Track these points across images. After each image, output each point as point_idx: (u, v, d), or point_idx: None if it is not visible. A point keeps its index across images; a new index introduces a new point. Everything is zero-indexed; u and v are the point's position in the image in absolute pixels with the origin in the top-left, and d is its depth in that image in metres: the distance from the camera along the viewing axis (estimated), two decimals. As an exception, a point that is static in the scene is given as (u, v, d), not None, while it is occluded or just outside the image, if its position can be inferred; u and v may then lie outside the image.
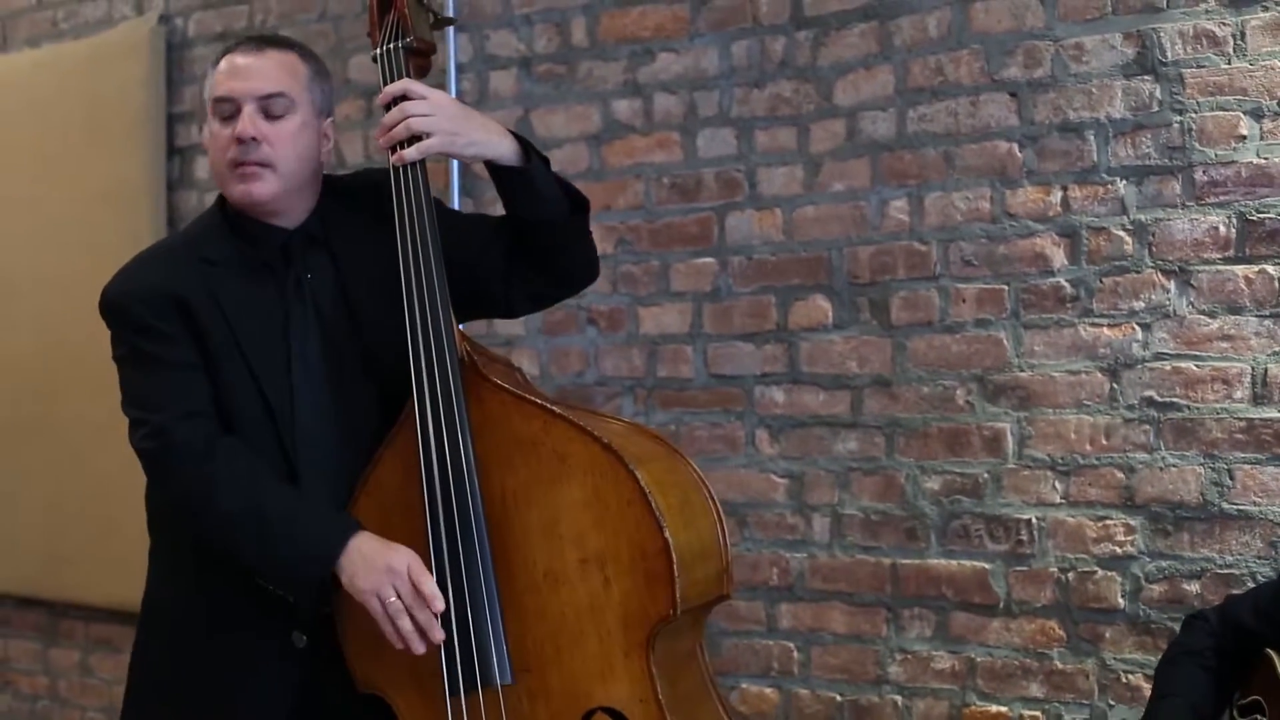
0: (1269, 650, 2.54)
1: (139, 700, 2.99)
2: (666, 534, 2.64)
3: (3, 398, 5.37)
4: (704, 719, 2.85)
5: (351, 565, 2.66)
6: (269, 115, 2.74)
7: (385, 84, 2.83)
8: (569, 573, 2.71)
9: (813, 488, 3.85)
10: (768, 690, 3.93)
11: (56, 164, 5.22)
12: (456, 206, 4.29)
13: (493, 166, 2.79)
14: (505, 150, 2.76)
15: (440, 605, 2.64)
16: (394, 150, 2.76)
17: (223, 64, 2.79)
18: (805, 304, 3.86)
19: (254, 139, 2.72)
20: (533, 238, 2.84)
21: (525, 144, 2.79)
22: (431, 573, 2.66)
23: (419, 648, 2.64)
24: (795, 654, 3.89)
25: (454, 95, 4.28)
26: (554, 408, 2.76)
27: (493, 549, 2.71)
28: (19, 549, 5.35)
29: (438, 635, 2.64)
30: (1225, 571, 3.31)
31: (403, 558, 2.66)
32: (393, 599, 2.62)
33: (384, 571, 2.64)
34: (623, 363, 4.16)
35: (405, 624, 2.62)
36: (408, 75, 2.84)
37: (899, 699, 3.73)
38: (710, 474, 2.86)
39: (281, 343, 2.80)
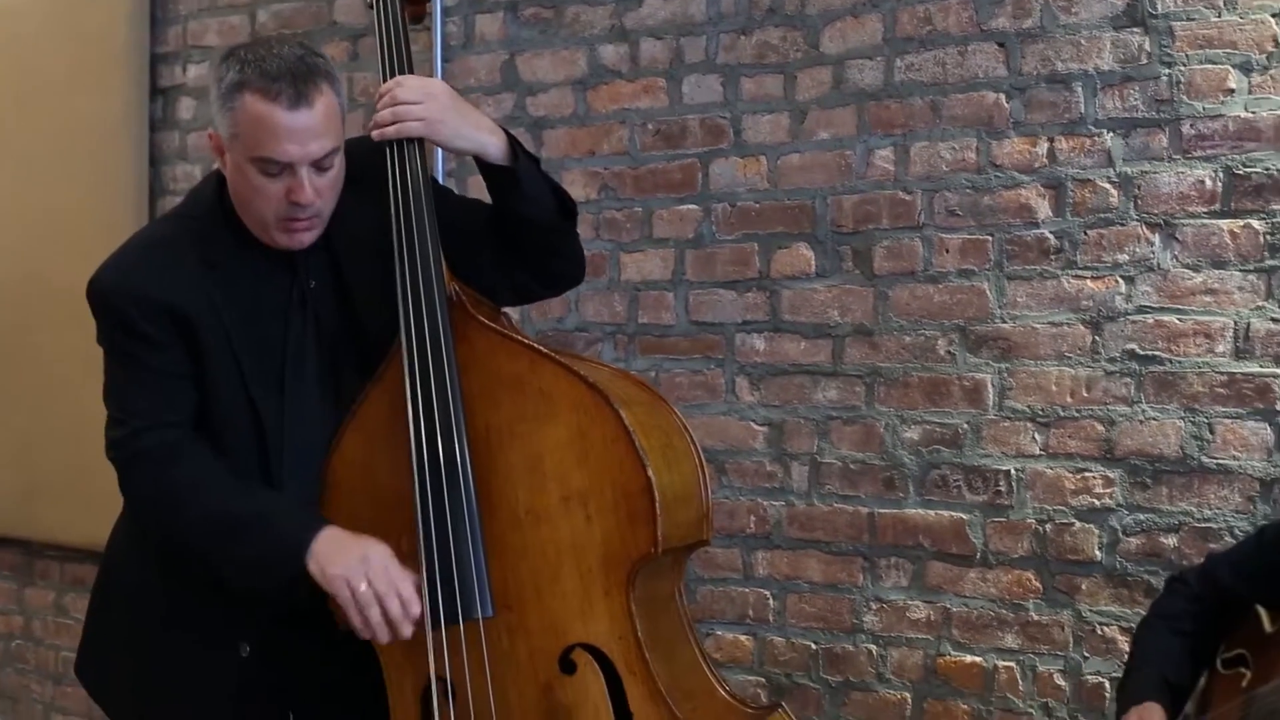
0: (1258, 606, 2.55)
1: (98, 645, 3.00)
2: (649, 473, 2.65)
3: (-21, 332, 5.36)
4: (682, 661, 2.86)
5: (323, 553, 2.64)
6: (320, 169, 2.65)
7: (380, 28, 2.84)
8: (551, 510, 2.71)
9: (792, 436, 3.85)
10: (742, 637, 3.94)
11: (39, 101, 5.19)
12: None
13: (481, 161, 2.79)
14: (492, 147, 2.76)
15: (418, 610, 2.64)
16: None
17: (260, 109, 2.59)
18: (788, 252, 3.86)
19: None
20: (517, 234, 2.84)
21: (515, 143, 2.79)
22: (415, 505, 2.67)
23: (384, 638, 2.63)
24: (771, 602, 3.90)
25: (440, 39, 4.27)
26: (540, 347, 2.77)
27: (475, 485, 2.72)
28: (-6, 487, 5.34)
29: (406, 631, 2.63)
30: (1203, 525, 3.32)
31: (378, 550, 2.65)
32: (364, 588, 2.60)
33: (358, 560, 2.63)
34: (603, 308, 4.16)
35: (374, 615, 2.61)
36: (402, 21, 2.86)
37: (874, 648, 3.75)
38: (689, 421, 2.86)
39: (278, 354, 2.78)
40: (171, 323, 2.70)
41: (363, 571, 2.61)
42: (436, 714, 2.72)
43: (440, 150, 3.99)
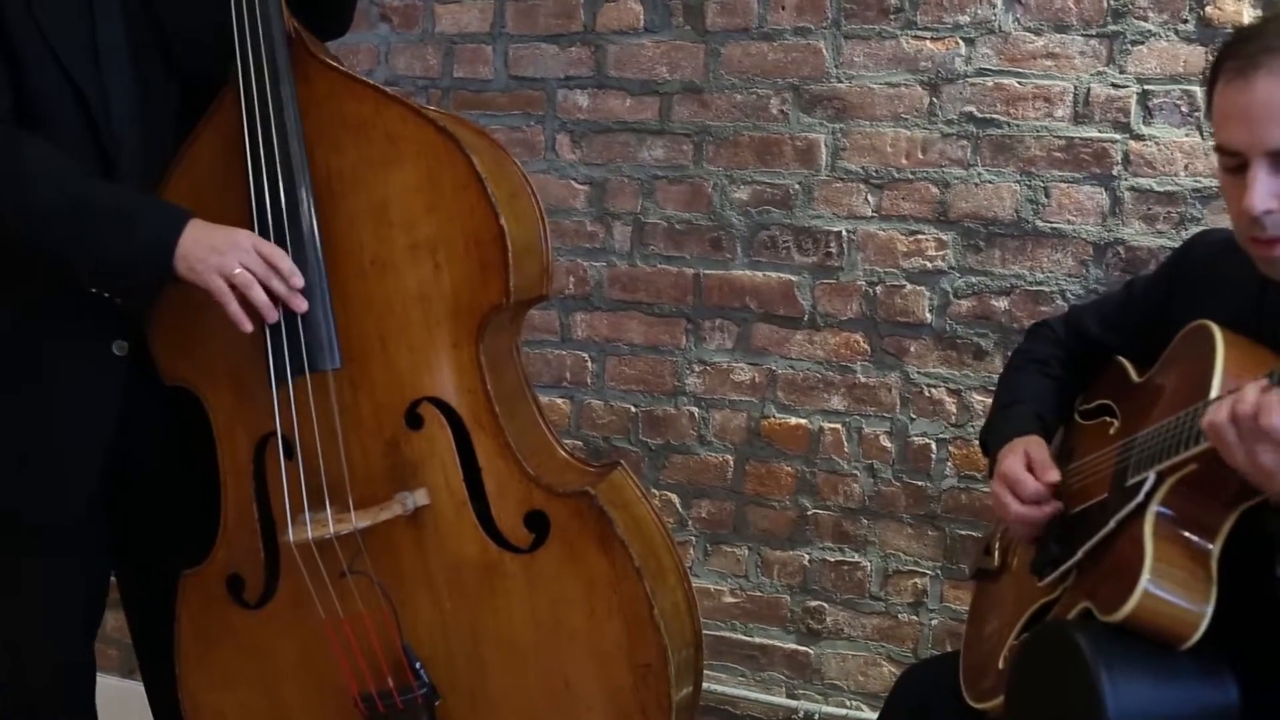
0: (1120, 358, 2.56)
1: None
2: (502, 221, 2.57)
3: None
4: (523, 418, 2.81)
5: (189, 251, 2.50)
6: None
7: None
8: (397, 259, 2.62)
9: (615, 195, 3.76)
10: (559, 400, 3.88)
11: None
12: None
13: None
14: None
15: (300, 281, 2.54)
16: None
17: None
18: (615, 6, 3.72)
19: None
20: None
21: None
22: None
23: (273, 316, 2.53)
24: (589, 364, 3.84)
25: None
26: (385, 89, 2.65)
27: (320, 233, 2.60)
28: None
29: (301, 304, 2.54)
30: (1035, 288, 3.33)
31: (245, 235, 2.53)
32: (239, 271, 2.49)
33: (229, 248, 2.50)
34: (416, 62, 3.99)
35: (259, 295, 2.50)
36: None
37: (695, 410, 3.72)
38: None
39: (87, 32, 2.58)
40: None
41: (235, 258, 2.50)
42: (284, 473, 2.63)
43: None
